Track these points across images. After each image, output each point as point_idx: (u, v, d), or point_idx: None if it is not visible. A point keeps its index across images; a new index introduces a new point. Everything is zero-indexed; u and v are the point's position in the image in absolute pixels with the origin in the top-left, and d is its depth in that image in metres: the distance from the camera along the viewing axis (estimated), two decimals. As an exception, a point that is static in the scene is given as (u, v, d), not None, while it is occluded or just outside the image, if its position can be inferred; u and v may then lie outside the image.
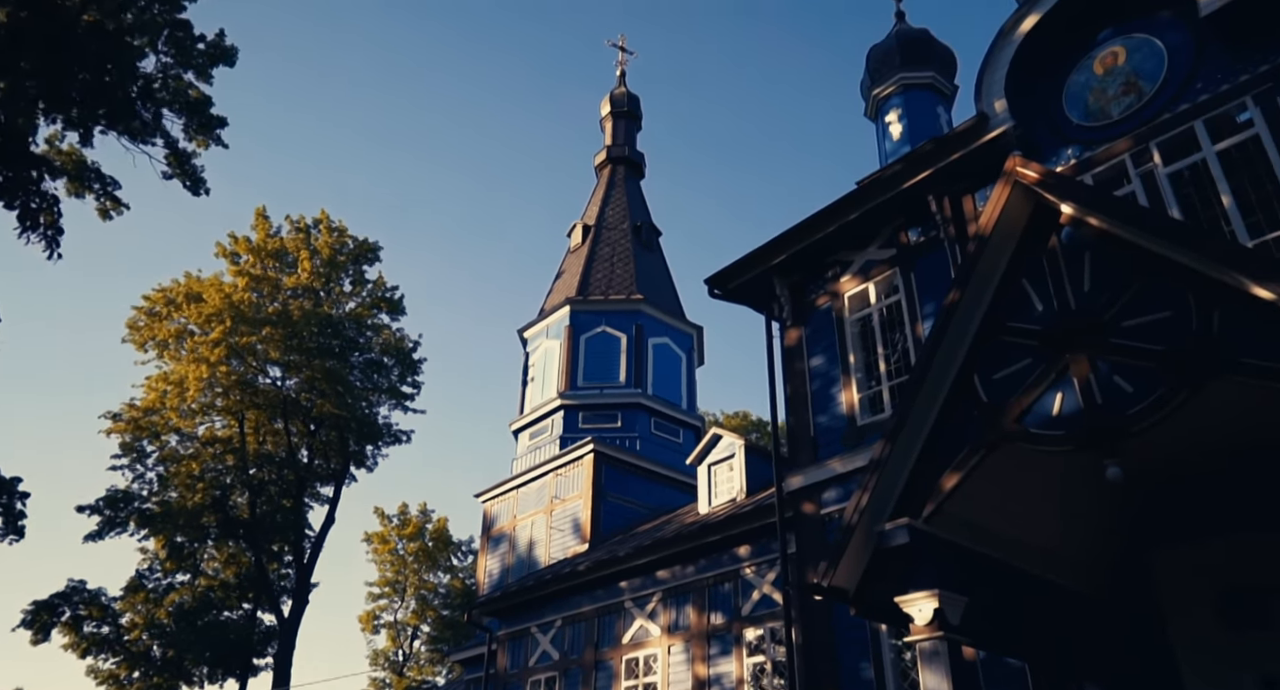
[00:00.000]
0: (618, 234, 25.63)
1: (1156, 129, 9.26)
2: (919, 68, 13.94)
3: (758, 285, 13.31)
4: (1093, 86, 10.00)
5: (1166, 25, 9.47)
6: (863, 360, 12.00)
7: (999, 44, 10.52)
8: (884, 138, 14.05)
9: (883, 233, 12.12)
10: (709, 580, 13.44)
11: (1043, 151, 10.27)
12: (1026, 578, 8.17)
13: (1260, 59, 8.59)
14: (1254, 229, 8.34)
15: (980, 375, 7.71)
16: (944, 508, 7.66)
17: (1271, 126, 8.31)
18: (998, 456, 7.51)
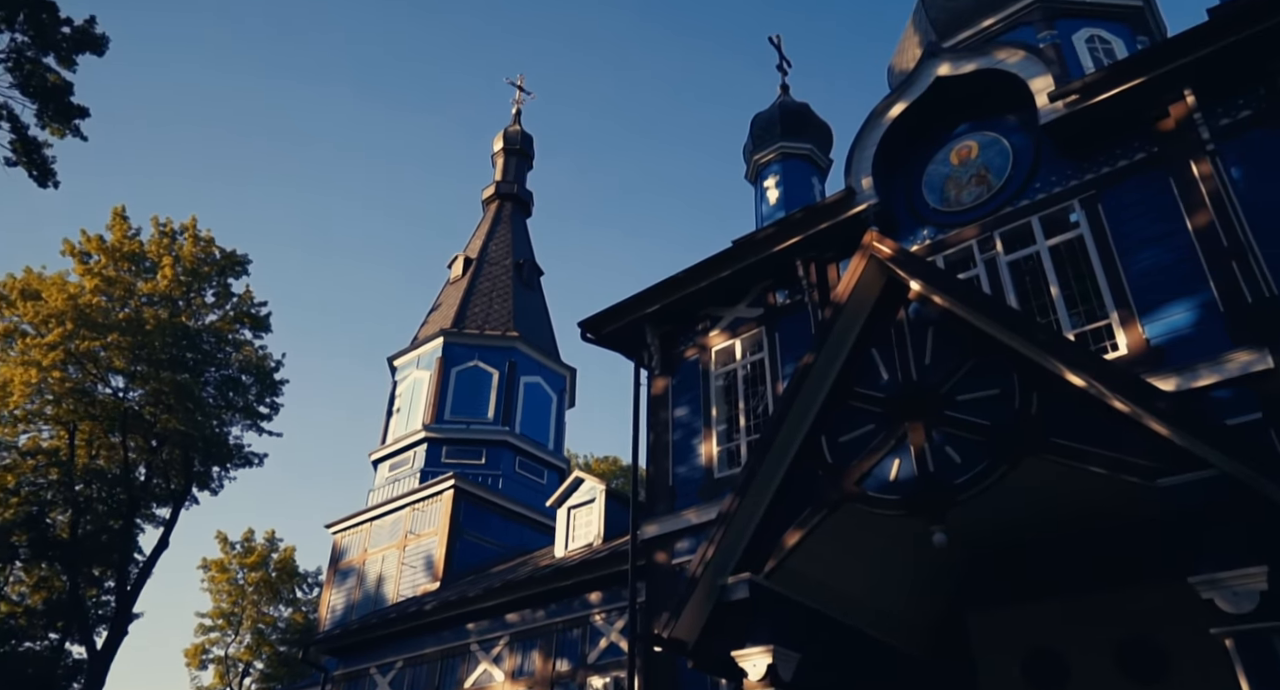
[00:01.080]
0: (499, 269, 25.49)
1: (1000, 220, 10.03)
2: (798, 139, 14.66)
3: (630, 333, 13.47)
4: (949, 174, 10.77)
5: (1013, 128, 10.34)
6: (725, 414, 12.28)
7: (869, 125, 11.20)
8: (761, 201, 14.63)
9: (752, 292, 12.53)
10: (558, 625, 13.28)
11: (901, 230, 10.94)
12: (859, 636, 8.46)
13: (1087, 168, 9.49)
14: (1076, 320, 9.10)
15: (827, 437, 8.04)
16: (786, 564, 7.89)
17: (1093, 229, 9.15)
18: (839, 517, 7.81)
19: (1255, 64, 8.58)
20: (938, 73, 10.71)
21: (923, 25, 14.20)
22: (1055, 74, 9.61)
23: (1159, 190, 8.86)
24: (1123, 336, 8.57)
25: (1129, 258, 8.86)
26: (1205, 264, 8.25)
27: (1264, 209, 8.12)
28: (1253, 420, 7.39)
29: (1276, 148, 8.28)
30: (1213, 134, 8.64)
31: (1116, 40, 12.55)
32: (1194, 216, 8.45)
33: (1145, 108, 9.08)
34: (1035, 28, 12.59)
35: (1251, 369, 7.55)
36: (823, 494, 7.78)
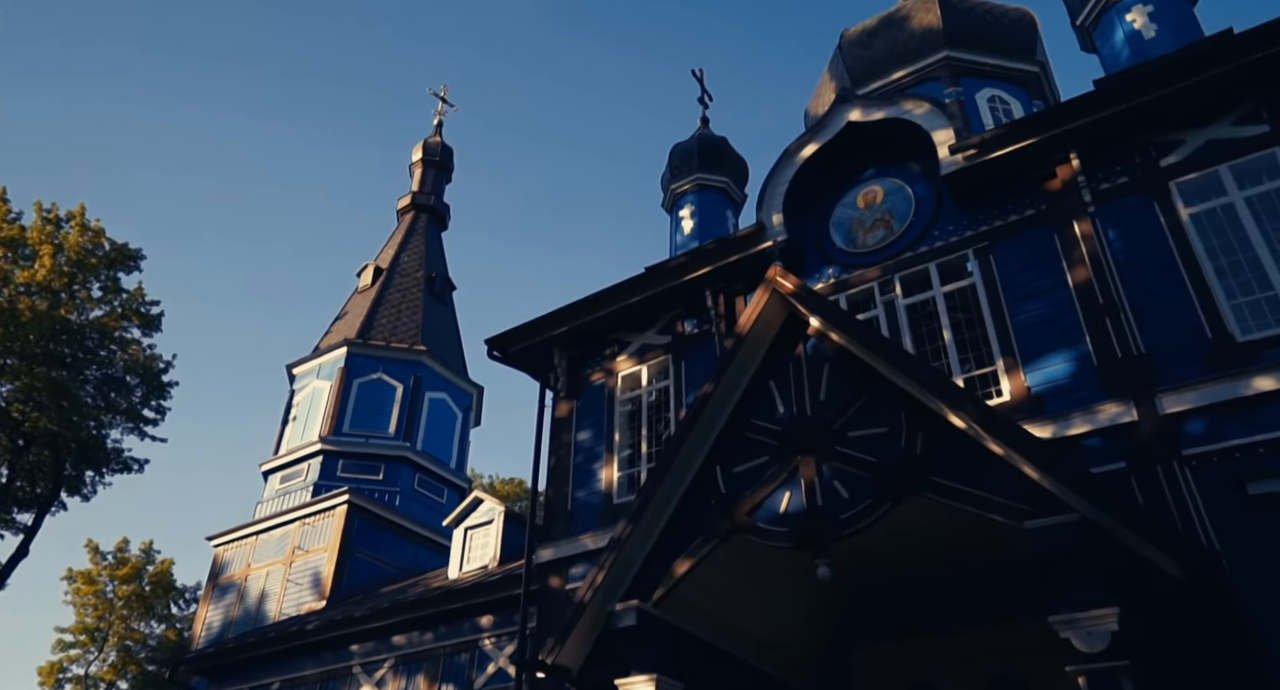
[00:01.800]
0: (410, 281, 25.08)
1: (901, 264, 10.46)
2: (715, 172, 14.99)
3: (537, 353, 13.44)
4: (855, 217, 11.18)
5: (917, 176, 10.83)
6: (628, 440, 12.34)
7: (782, 164, 11.55)
8: (676, 230, 14.88)
9: (662, 319, 12.69)
10: (446, 649, 13.02)
11: (808, 267, 11.28)
12: (746, 667, 8.58)
13: (982, 220, 10.01)
14: (965, 365, 9.53)
15: (722, 467, 8.19)
16: (675, 593, 7.97)
17: (985, 279, 9.64)
18: (730, 547, 7.94)
19: (1132, 135, 9.24)
20: (849, 117, 11.13)
21: (839, 72, 14.76)
22: (957, 128, 10.11)
23: (1044, 246, 9.40)
24: (1006, 383, 9.01)
25: (1015, 308, 9.35)
26: (1083, 319, 8.77)
27: (1135, 270, 8.70)
28: (1117, 469, 7.86)
29: (1148, 214, 8.90)
30: (1094, 196, 9.24)
31: (1015, 101, 13.31)
32: (1074, 273, 8.99)
33: (1035, 167, 9.65)
34: (942, 83, 13.25)
35: (1119, 420, 8.03)
36: (714, 524, 7.91)
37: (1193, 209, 8.72)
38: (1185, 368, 8.00)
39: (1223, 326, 7.99)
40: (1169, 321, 8.29)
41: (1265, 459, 7.30)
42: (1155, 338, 8.28)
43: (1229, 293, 8.15)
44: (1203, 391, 7.73)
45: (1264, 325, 7.87)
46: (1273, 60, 8.43)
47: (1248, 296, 8.07)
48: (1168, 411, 7.82)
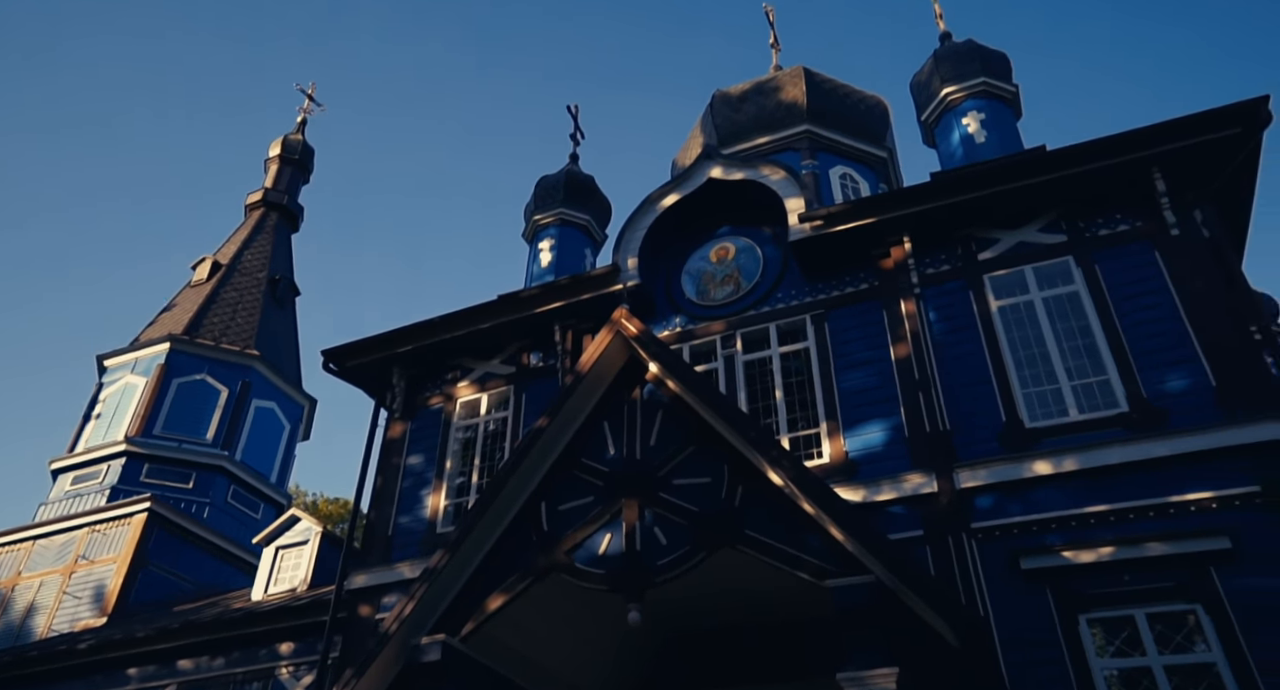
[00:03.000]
0: (251, 281, 23.83)
1: (744, 321, 10.92)
2: (579, 208, 15.19)
3: (377, 370, 13.09)
4: (707, 269, 11.61)
5: (767, 239, 11.40)
6: (459, 468, 12.15)
7: (643, 209, 11.87)
8: (533, 261, 14.93)
9: (508, 349, 12.65)
10: (237, 676, 12.24)
11: (657, 314, 11.58)
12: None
13: (822, 288, 10.63)
14: (793, 425, 10.01)
15: (548, 503, 8.21)
16: (485, 628, 7.86)
17: (818, 345, 10.21)
18: (545, 586, 7.93)
19: (958, 227, 10.12)
20: (711, 174, 11.61)
21: (708, 129, 15.38)
22: (808, 199, 10.73)
23: (874, 320, 10.07)
24: (828, 446, 9.52)
25: (843, 375, 9.93)
26: (900, 392, 9.42)
27: (948, 351, 9.46)
28: (915, 536, 8.44)
29: (965, 301, 9.73)
30: (920, 279, 10.01)
31: (864, 181, 14.28)
32: (896, 348, 9.67)
33: (873, 245, 10.36)
34: (800, 155, 14.05)
35: (920, 490, 8.65)
36: (533, 561, 7.89)
37: (1001, 302, 9.61)
38: (981, 446, 8.73)
39: (1015, 411, 8.80)
40: (972, 402, 9.04)
41: (1038, 536, 8.05)
42: (958, 415, 9.00)
43: (1023, 382, 8.99)
44: (993, 470, 8.45)
45: (1048, 415, 8.73)
46: (1072, 179, 9.50)
47: (1038, 387, 8.93)
48: (963, 486, 8.49)
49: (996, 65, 12.79)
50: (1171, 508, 7.74)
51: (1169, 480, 7.85)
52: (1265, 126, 8.90)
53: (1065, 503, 8.10)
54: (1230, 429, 7.83)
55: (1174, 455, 7.91)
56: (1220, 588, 7.28)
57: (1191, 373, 8.36)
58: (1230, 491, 7.60)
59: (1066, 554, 7.83)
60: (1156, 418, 8.21)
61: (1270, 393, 7.95)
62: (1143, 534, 7.69)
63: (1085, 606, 7.62)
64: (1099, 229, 9.58)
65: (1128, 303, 8.98)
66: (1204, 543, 7.46)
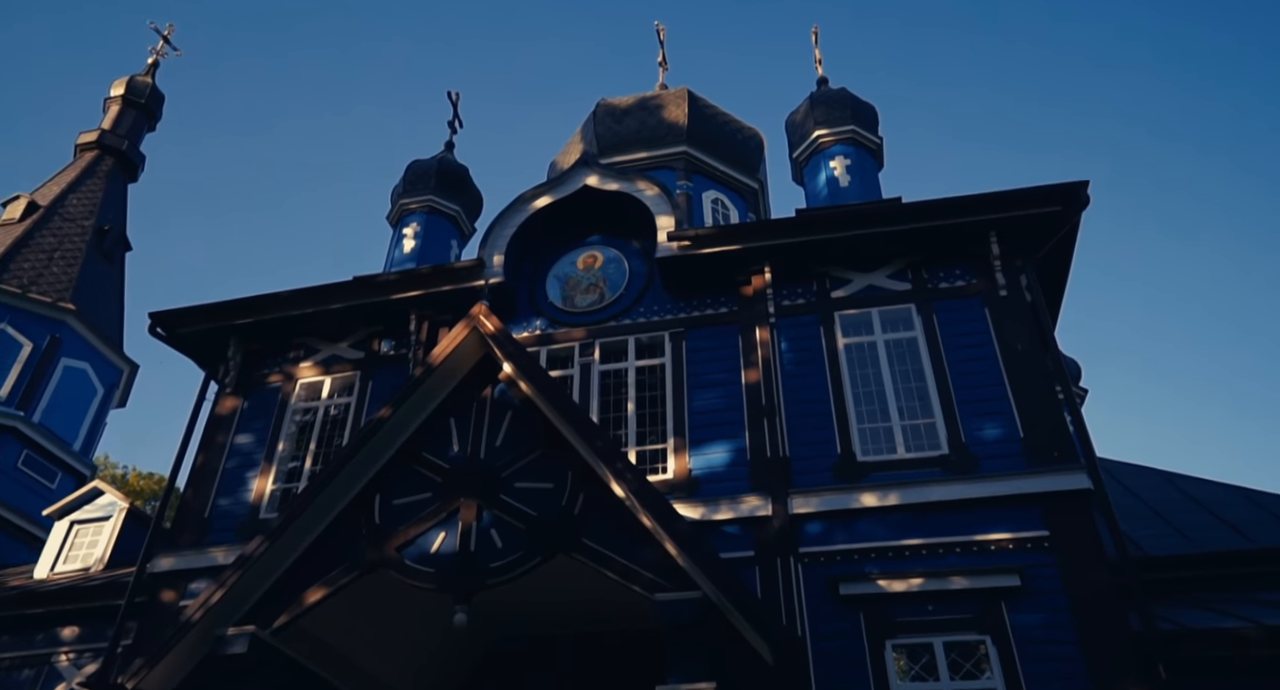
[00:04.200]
0: (74, 229, 21.81)
1: (604, 331, 10.98)
2: (449, 198, 14.85)
3: (212, 339, 12.29)
4: (572, 275, 11.61)
5: (635, 253, 11.54)
6: (293, 452, 11.56)
7: (514, 207, 11.75)
8: (396, 246, 14.47)
9: (358, 333, 12.18)
10: (4, 663, 11.13)
11: (518, 315, 11.47)
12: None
13: (683, 307, 10.86)
14: (642, 438, 10.15)
15: (383, 496, 7.94)
16: (300, 622, 7.51)
17: (674, 362, 10.42)
18: (370, 581, 7.66)
19: (815, 264, 10.60)
20: (587, 181, 11.65)
21: (589, 137, 15.43)
22: (679, 218, 10.94)
23: (730, 344, 10.37)
24: (673, 462, 9.70)
25: (695, 394, 10.16)
26: (746, 416, 9.74)
27: (796, 382, 9.87)
28: (746, 556, 8.72)
29: (815, 335, 10.19)
30: (777, 309, 10.41)
31: (734, 208, 14.72)
32: (748, 373, 9.99)
33: (737, 271, 10.69)
34: (676, 174, 14.33)
35: (756, 513, 8.96)
36: (360, 554, 7.61)
37: (848, 339, 10.13)
38: (815, 475, 9.15)
39: (850, 445, 9.28)
40: (812, 431, 9.46)
41: (858, 564, 8.50)
42: (798, 444, 9.40)
43: (859, 417, 9.50)
44: (824, 498, 8.87)
45: (879, 450, 9.26)
46: (921, 233, 10.18)
47: (872, 423, 9.47)
48: (795, 511, 8.86)
49: (866, 116, 13.51)
50: (975, 545, 8.37)
51: (976, 520, 8.49)
52: (1083, 208, 9.84)
53: (885, 534, 8.60)
54: (1030, 477, 8.57)
55: (982, 498, 8.57)
56: (1007, 621, 7.93)
57: (1004, 424, 9.08)
58: (1025, 534, 8.31)
59: (881, 583, 8.31)
60: (971, 462, 8.87)
61: (1066, 448, 8.75)
62: (949, 568, 8.27)
63: (892, 633, 8.11)
64: (940, 281, 10.28)
65: (957, 353, 9.67)
66: (998, 579, 8.10)
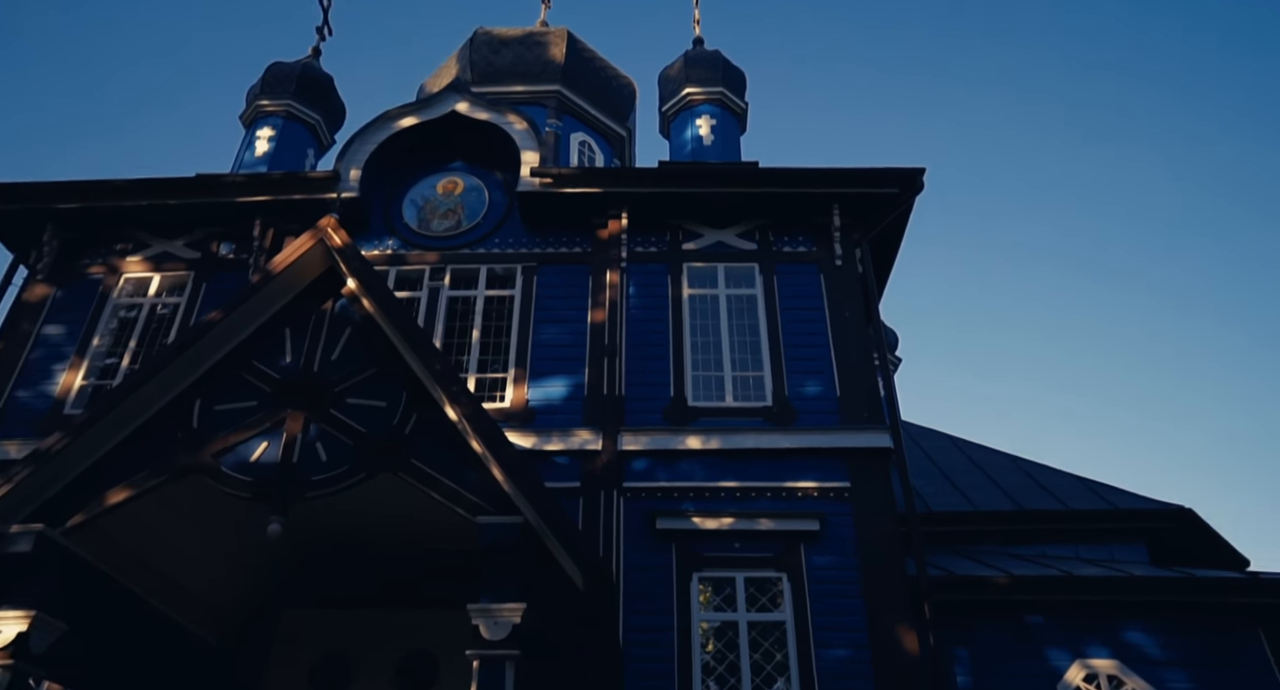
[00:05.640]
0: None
1: (457, 258, 10.55)
2: (309, 105, 13.65)
3: (27, 221, 10.95)
4: (430, 198, 11.05)
5: (497, 184, 11.10)
6: (110, 348, 10.53)
7: (377, 123, 11.01)
8: (247, 147, 13.26)
9: (196, 233, 11.17)
10: None
11: (371, 232, 10.83)
12: (156, 616, 7.69)
13: (538, 244, 10.58)
14: (484, 366, 9.86)
15: (203, 401, 7.34)
16: (100, 524, 6.87)
17: (524, 295, 10.16)
18: (182, 486, 7.10)
19: (670, 216, 10.57)
20: (456, 107, 11.05)
21: (464, 63, 14.65)
22: (544, 155, 10.58)
23: (580, 283, 10.20)
24: (511, 392, 9.50)
25: (540, 328, 9.96)
26: (588, 354, 9.65)
27: (638, 325, 9.86)
28: (572, 487, 8.70)
29: (663, 285, 10.18)
30: (629, 255, 10.31)
31: (600, 153, 14.43)
32: (594, 313, 9.88)
33: (594, 214, 10.50)
34: (547, 113, 13.86)
35: (586, 446, 8.94)
36: (173, 458, 7.00)
37: (692, 290, 10.19)
38: (647, 416, 9.21)
39: (682, 390, 9.38)
40: (648, 374, 9.50)
41: (676, 502, 8.67)
42: (634, 385, 9.42)
43: (694, 365, 9.62)
44: (652, 438, 8.96)
45: (708, 398, 9.42)
46: (770, 197, 10.32)
47: (705, 371, 9.61)
48: (623, 448, 8.90)
49: (735, 80, 13.47)
50: (784, 491, 8.69)
51: (788, 468, 8.81)
52: (918, 192, 10.25)
53: (705, 475, 8.79)
54: (840, 434, 8.97)
55: (796, 449, 8.90)
56: (804, 562, 8.32)
57: (824, 383, 9.43)
58: (829, 484, 8.71)
59: (696, 520, 8.51)
60: (790, 415, 9.17)
61: (875, 410, 9.21)
62: (758, 510, 8.57)
63: (700, 566, 8.34)
64: (784, 245, 10.47)
65: (791, 314, 9.92)
66: (800, 523, 8.48)
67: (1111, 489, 10.86)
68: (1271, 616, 8.24)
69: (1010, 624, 8.34)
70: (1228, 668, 8.00)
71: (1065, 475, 11.35)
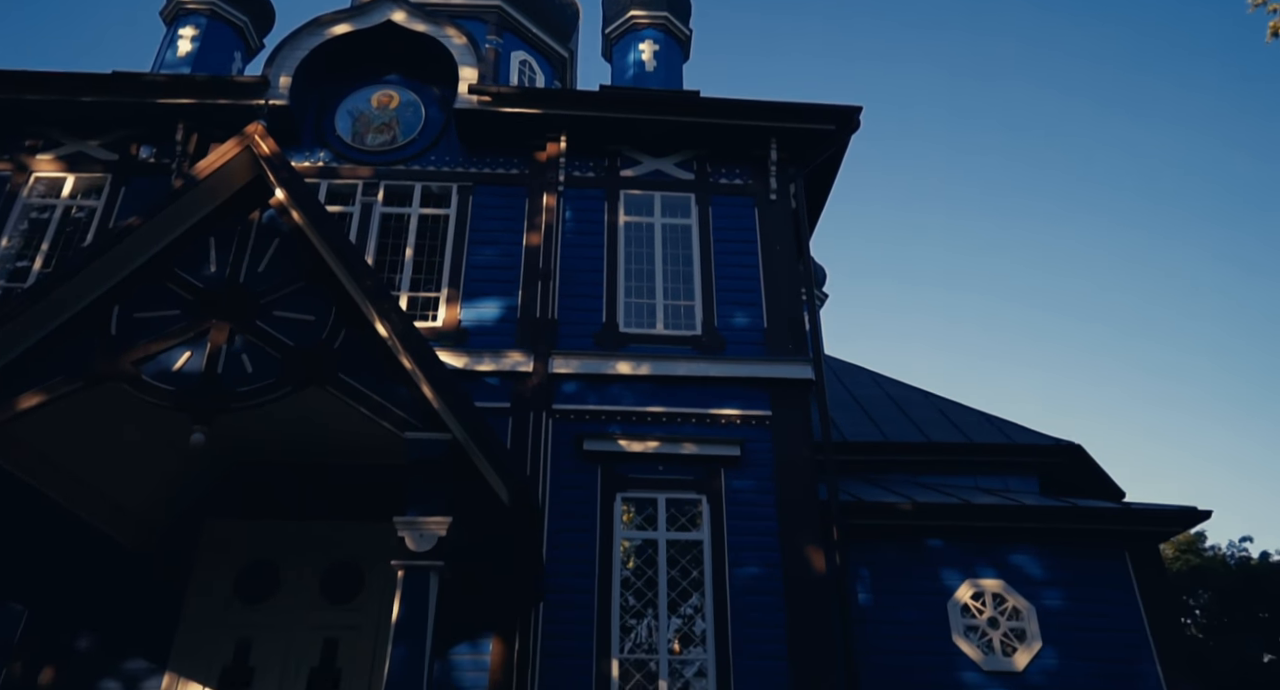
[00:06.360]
0: None
1: (391, 174, 10.18)
2: (238, 6, 12.76)
3: (-78, 113, 10.11)
4: (364, 111, 10.57)
5: (434, 99, 10.67)
6: (18, 250, 9.94)
7: (309, 29, 10.42)
8: (169, 47, 12.40)
9: (114, 133, 10.50)
10: None
11: (301, 143, 10.35)
12: (75, 521, 7.50)
13: (475, 164, 10.27)
14: (416, 285, 9.65)
15: (122, 307, 7.01)
16: (11, 429, 6.59)
17: (459, 215, 9.91)
18: (100, 393, 6.84)
19: (609, 141, 10.36)
20: (392, 17, 10.52)
21: (403, -30, 13.84)
22: (484, 72, 10.18)
23: (516, 205, 9.99)
24: (444, 311, 9.35)
25: (475, 249, 9.75)
26: (522, 276, 9.52)
27: (573, 250, 9.75)
28: (502, 407, 8.69)
29: (600, 211, 10.04)
30: (566, 179, 10.12)
31: (541, 73, 13.98)
32: (530, 236, 9.72)
33: (533, 136, 10.22)
34: (488, 29, 13.28)
35: (518, 368, 8.90)
36: (90, 364, 6.70)
37: (629, 217, 10.08)
38: (578, 340, 9.19)
39: (614, 316, 9.37)
40: (581, 299, 9.45)
41: (604, 424, 8.76)
42: (567, 309, 9.37)
43: (627, 292, 9.59)
44: (583, 362, 8.96)
45: (640, 325, 9.44)
46: (709, 128, 10.20)
47: (638, 299, 9.59)
48: (554, 371, 8.90)
49: (680, 6, 13.12)
50: (708, 417, 8.86)
51: (713, 396, 8.96)
52: (854, 130, 10.25)
53: (633, 400, 8.88)
54: (766, 364, 9.13)
55: (722, 377, 9.03)
56: (723, 485, 8.55)
57: (752, 315, 9.54)
58: (751, 412, 8.90)
59: (622, 442, 8.62)
60: (718, 344, 9.28)
61: (800, 342, 9.38)
62: (683, 435, 8.72)
63: (624, 487, 8.50)
64: (721, 177, 10.40)
65: (724, 246, 9.93)
66: (722, 449, 8.67)
67: (1011, 425, 11.39)
68: (1138, 541, 8.88)
69: (911, 546, 8.80)
70: (1096, 586, 8.65)
71: (972, 411, 11.85)
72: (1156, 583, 8.64)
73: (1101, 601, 8.54)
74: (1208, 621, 19.58)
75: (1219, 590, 19.45)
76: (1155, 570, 8.72)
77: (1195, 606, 20.07)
